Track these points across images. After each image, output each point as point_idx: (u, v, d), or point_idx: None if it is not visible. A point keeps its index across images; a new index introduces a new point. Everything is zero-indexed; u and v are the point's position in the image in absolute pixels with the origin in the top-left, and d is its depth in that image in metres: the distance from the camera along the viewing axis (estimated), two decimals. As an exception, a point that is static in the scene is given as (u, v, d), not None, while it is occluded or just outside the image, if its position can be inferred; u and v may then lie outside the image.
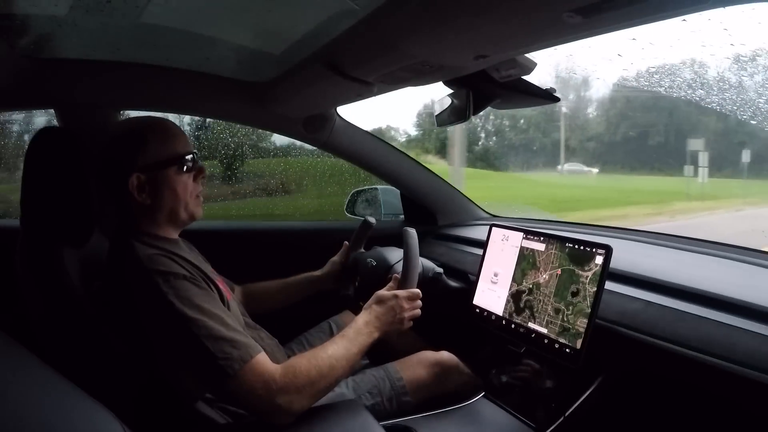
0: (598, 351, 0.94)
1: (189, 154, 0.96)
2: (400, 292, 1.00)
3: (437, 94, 1.21)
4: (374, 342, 0.94)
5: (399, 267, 1.06)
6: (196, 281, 0.86)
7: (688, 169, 9.11)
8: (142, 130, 0.93)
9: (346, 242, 1.35)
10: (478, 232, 1.58)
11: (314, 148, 1.66)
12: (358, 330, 0.93)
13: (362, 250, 1.32)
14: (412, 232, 1.06)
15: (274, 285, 1.33)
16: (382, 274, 1.18)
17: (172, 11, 1.03)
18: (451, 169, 8.40)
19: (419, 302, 1.02)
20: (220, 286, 0.96)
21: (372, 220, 1.28)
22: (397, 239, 1.10)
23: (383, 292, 1.00)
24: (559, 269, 1.03)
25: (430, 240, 1.75)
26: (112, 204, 0.95)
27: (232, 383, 0.79)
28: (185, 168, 0.95)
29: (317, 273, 1.33)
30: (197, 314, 0.80)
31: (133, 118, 1.12)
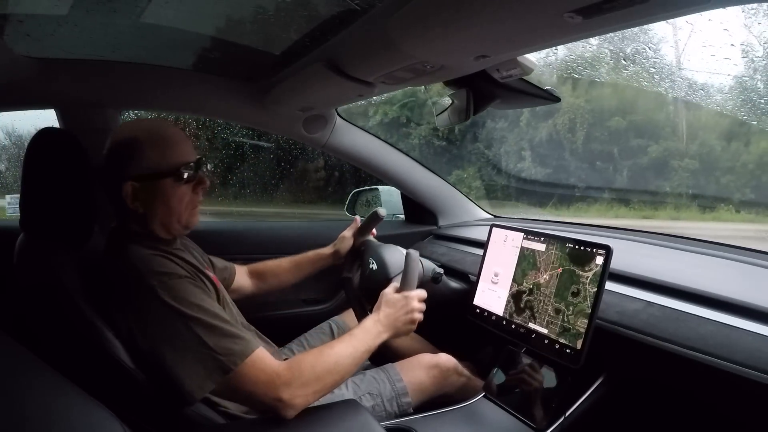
0: (598, 351, 0.94)
1: (189, 163, 0.92)
2: (410, 293, 1.01)
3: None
4: (382, 343, 0.95)
5: (396, 281, 1.06)
6: (193, 280, 0.86)
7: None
8: (138, 138, 0.89)
9: (358, 217, 1.41)
10: (478, 233, 1.58)
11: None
12: (366, 329, 0.94)
13: (370, 237, 1.34)
14: (415, 254, 1.05)
15: (285, 262, 1.36)
16: (381, 280, 1.17)
17: (172, 11, 1.04)
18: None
19: (423, 305, 1.04)
20: (216, 284, 0.98)
21: (383, 212, 1.29)
22: (398, 241, 1.10)
23: (392, 294, 1.01)
24: (560, 269, 1.03)
25: (430, 240, 1.75)
26: (111, 206, 0.95)
27: (234, 378, 0.79)
28: (183, 179, 0.91)
29: (327, 250, 1.37)
30: (196, 312, 0.81)
31: (135, 122, 1.10)
